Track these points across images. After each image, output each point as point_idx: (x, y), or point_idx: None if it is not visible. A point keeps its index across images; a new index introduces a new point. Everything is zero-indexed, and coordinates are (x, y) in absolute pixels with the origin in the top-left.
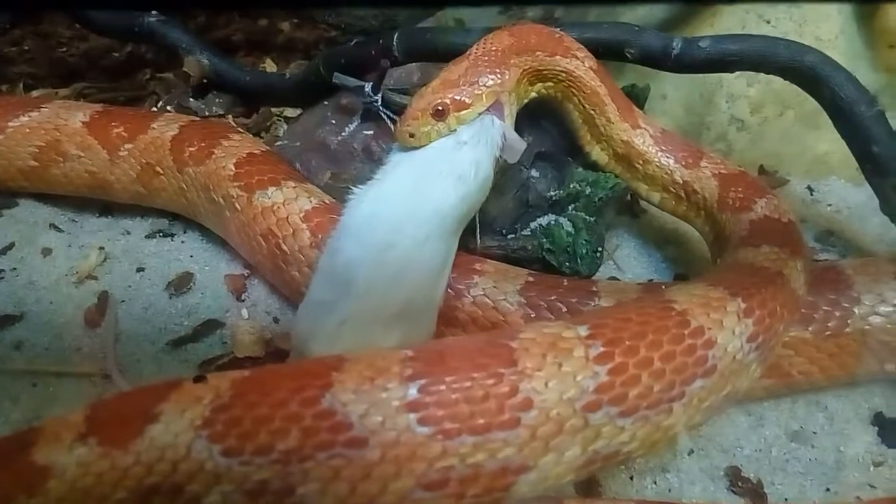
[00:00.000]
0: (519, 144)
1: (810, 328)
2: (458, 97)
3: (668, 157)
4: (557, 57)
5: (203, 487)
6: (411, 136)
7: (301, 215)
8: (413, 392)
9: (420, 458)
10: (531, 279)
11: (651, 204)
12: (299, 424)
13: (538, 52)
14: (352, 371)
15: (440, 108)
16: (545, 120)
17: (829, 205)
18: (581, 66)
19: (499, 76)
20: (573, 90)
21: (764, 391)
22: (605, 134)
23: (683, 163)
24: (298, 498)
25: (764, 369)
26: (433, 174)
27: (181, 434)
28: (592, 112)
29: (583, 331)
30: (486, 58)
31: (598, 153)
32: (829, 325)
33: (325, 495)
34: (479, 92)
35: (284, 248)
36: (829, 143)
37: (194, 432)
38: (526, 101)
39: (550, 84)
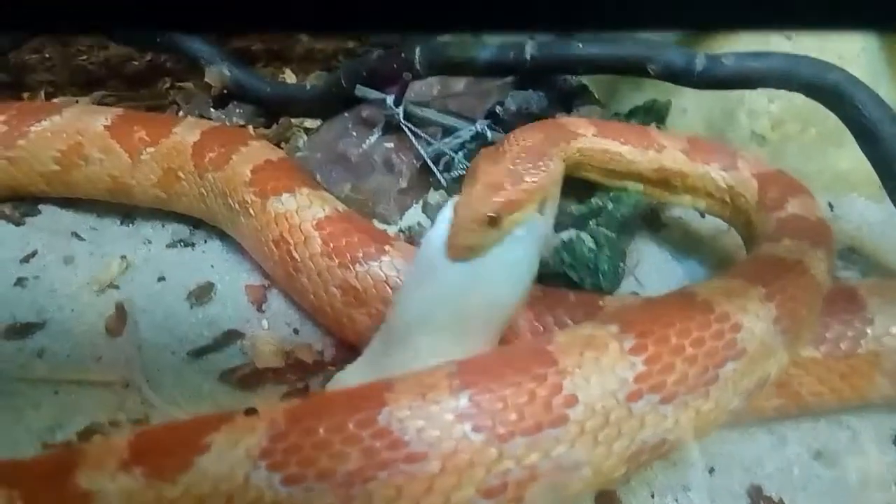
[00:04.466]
0: (553, 240)
1: (821, 348)
2: (509, 199)
3: (704, 165)
4: (571, 143)
5: None
6: (469, 250)
7: (314, 223)
8: (464, 402)
9: (478, 464)
10: (539, 293)
11: (698, 211)
12: (359, 445)
13: (561, 143)
14: (403, 390)
15: (493, 214)
16: None
17: (850, 222)
18: (587, 136)
19: (544, 169)
20: (586, 160)
21: (774, 411)
22: (630, 171)
23: (721, 166)
24: None
25: (791, 356)
26: (493, 280)
27: (237, 465)
28: (605, 161)
29: (613, 328)
30: (526, 153)
31: (633, 186)
32: (841, 345)
33: None
34: (528, 189)
35: (295, 255)
36: (851, 160)
37: (252, 462)
38: None
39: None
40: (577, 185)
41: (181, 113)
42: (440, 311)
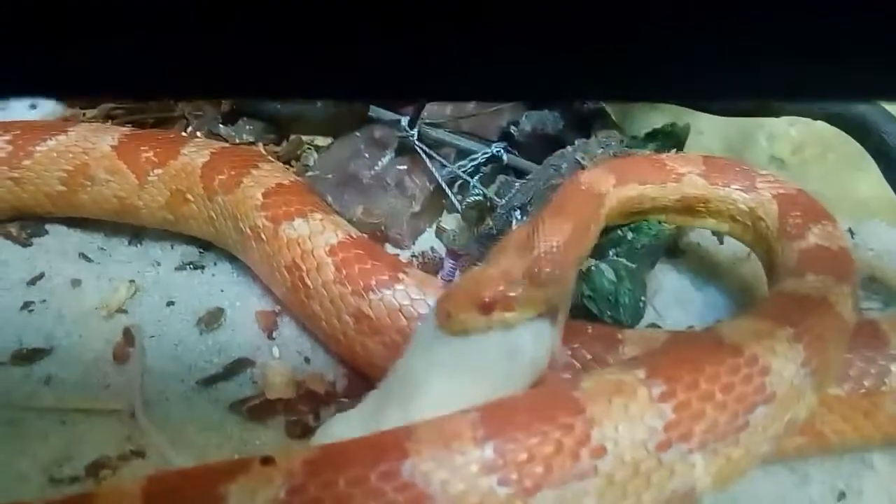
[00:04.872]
0: (560, 356)
1: (845, 386)
2: (509, 294)
3: (724, 188)
4: (601, 213)
5: None
6: (448, 316)
7: (326, 249)
8: (489, 453)
9: None
10: None
11: (720, 234)
12: (383, 500)
13: (590, 224)
14: (425, 440)
15: (487, 301)
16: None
17: (871, 249)
18: (610, 191)
19: (557, 283)
20: (610, 215)
21: (797, 450)
22: (654, 207)
23: (740, 187)
24: None
25: (819, 398)
26: (483, 367)
27: None
28: (629, 207)
29: (640, 373)
30: (549, 255)
31: (656, 216)
32: (865, 383)
33: None
34: (535, 298)
35: (308, 281)
36: (871, 185)
37: None
38: None
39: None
40: None
41: (190, 128)
42: (433, 380)
